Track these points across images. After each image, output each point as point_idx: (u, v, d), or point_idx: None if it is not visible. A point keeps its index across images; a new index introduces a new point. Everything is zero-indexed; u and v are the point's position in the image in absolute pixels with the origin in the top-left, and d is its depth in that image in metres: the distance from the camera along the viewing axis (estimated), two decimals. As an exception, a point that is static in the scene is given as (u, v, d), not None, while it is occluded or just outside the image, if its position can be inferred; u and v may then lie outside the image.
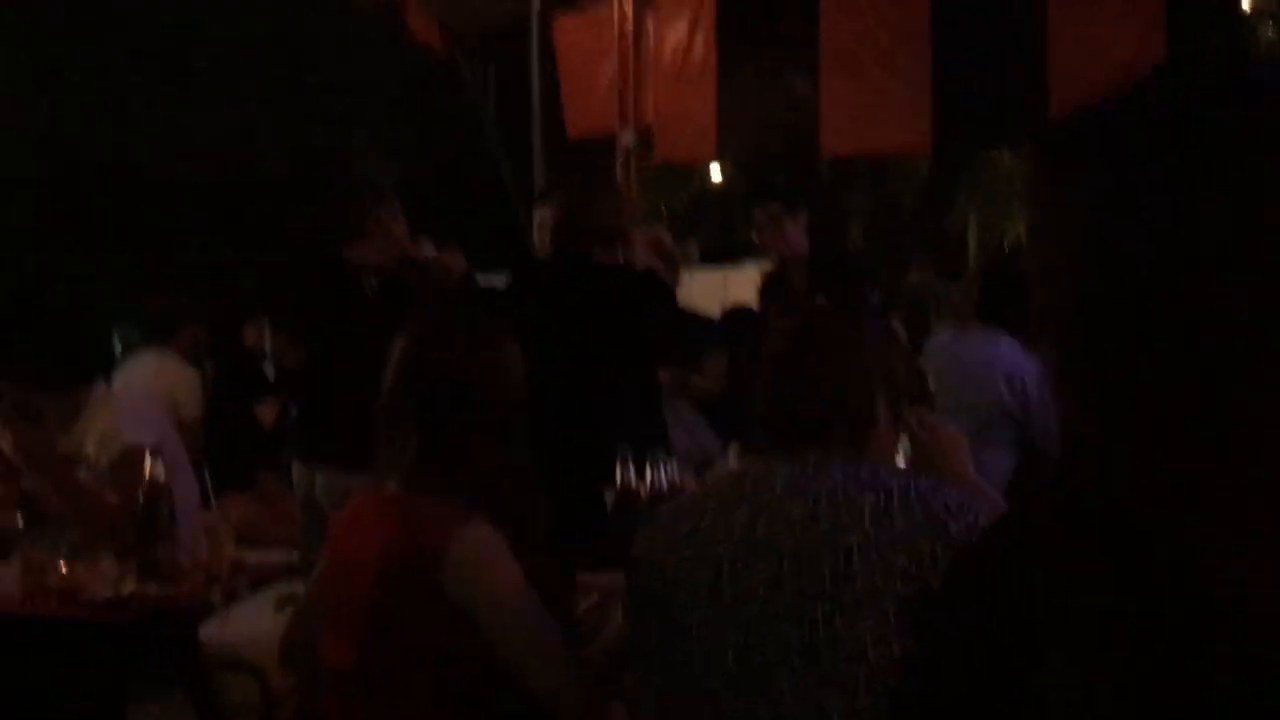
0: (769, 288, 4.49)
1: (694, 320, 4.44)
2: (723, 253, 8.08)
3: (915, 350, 4.64)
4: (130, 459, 3.08)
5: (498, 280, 4.01)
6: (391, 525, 1.95)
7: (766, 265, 4.79)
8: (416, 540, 1.90)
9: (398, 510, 1.98)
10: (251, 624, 2.76)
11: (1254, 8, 6.84)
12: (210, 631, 2.79)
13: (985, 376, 4.07)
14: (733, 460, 3.36)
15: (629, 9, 6.87)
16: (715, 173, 11.02)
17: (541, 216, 4.37)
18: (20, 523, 3.14)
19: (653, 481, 2.67)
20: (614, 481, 2.68)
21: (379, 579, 1.91)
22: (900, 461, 2.06)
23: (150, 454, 3.06)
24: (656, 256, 4.17)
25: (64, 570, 2.92)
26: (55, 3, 12.04)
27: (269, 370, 4.99)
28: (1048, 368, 0.67)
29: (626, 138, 6.93)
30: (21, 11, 11.63)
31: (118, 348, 6.45)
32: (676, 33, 6.82)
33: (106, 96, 12.82)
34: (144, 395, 4.32)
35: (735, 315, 4.84)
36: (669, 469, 2.73)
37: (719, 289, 8.13)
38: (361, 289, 3.65)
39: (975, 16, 6.27)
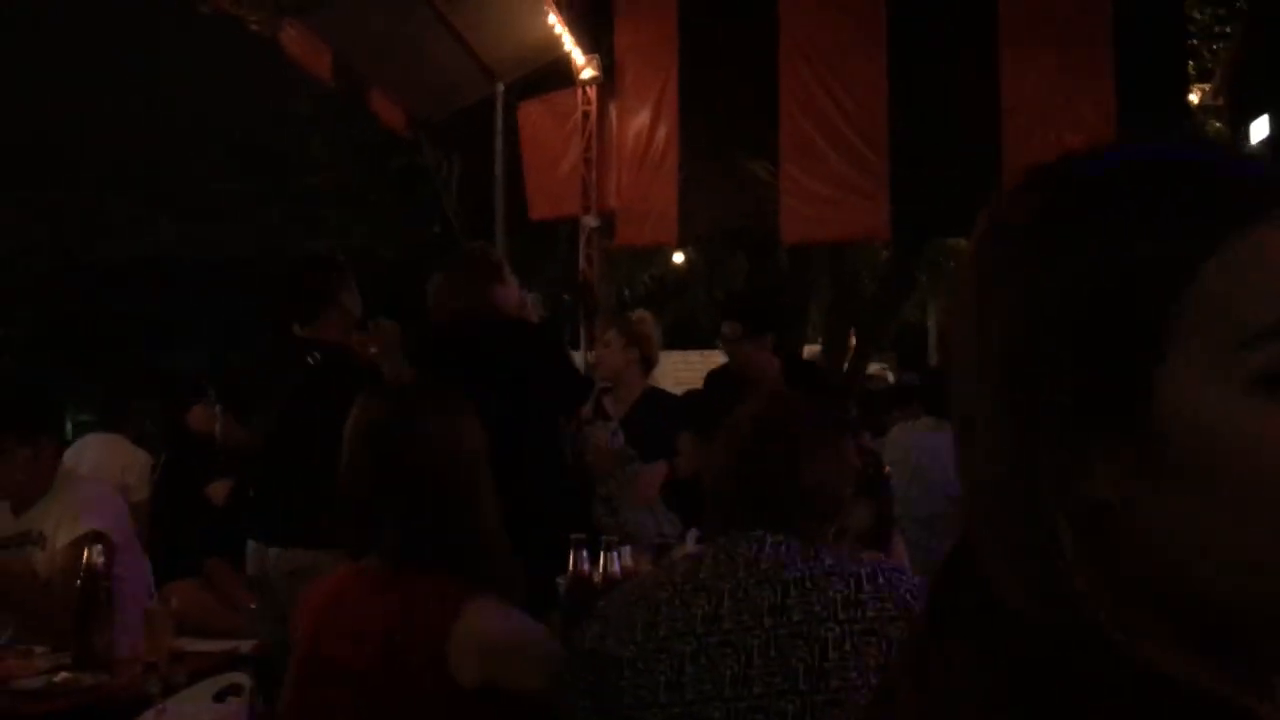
0: (712, 383, 4.46)
1: (665, 400, 4.40)
2: (684, 336, 8.10)
3: (878, 436, 4.65)
4: (84, 544, 3.00)
5: None
6: (392, 603, 1.86)
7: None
8: (420, 619, 1.82)
9: (396, 587, 1.88)
10: (189, 716, 2.64)
11: (1201, 103, 7.03)
12: (146, 724, 2.67)
13: (934, 466, 4.11)
14: (690, 546, 3.30)
15: (593, 95, 6.97)
16: (677, 257, 11.13)
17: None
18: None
19: (605, 567, 2.61)
20: (565, 567, 2.62)
21: (384, 658, 1.83)
22: None
23: (91, 539, 2.97)
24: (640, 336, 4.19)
25: (-5, 659, 2.81)
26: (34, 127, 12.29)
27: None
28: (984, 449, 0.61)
29: (589, 221, 6.98)
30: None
31: (69, 429, 6.33)
32: (639, 120, 6.91)
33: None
34: (96, 479, 4.22)
35: (700, 398, 4.81)
36: (622, 554, 2.67)
37: (681, 372, 8.11)
38: (305, 363, 3.56)
39: (932, 108, 6.41)
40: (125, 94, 13.11)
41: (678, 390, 5.09)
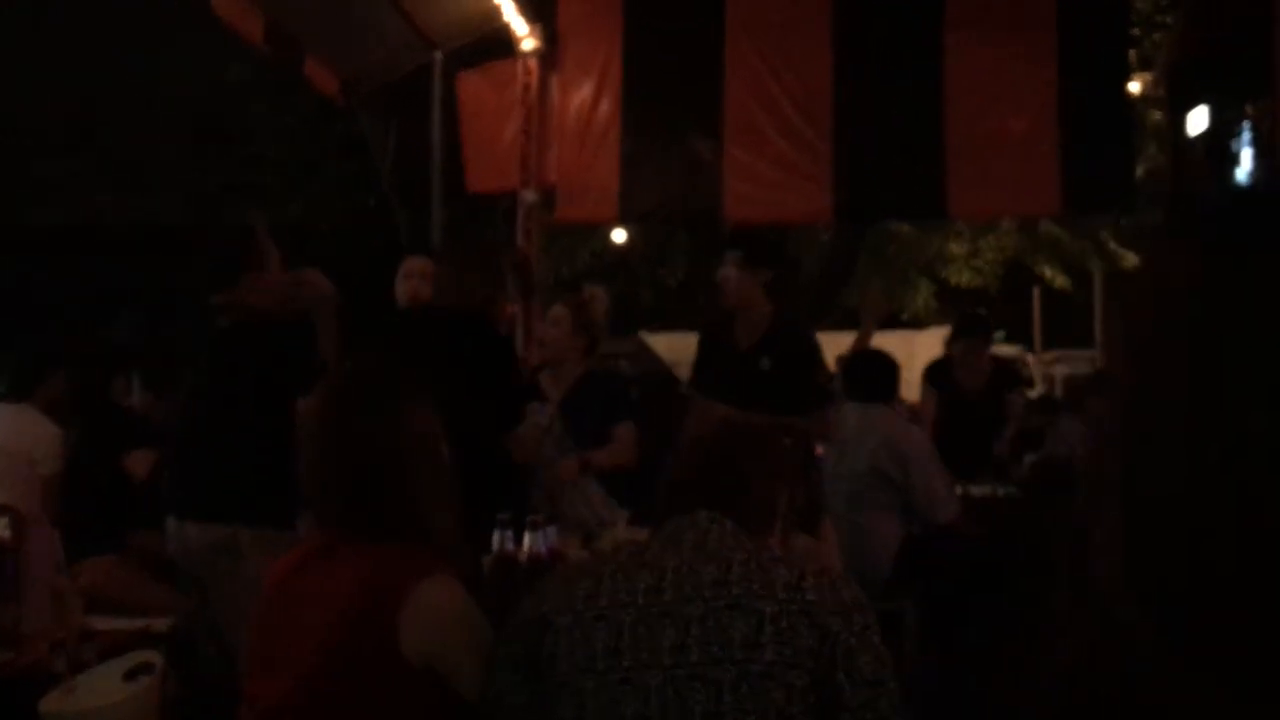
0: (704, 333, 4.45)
1: (606, 384, 4.34)
2: (624, 318, 8.05)
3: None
4: (-8, 518, 2.89)
5: None
6: (356, 569, 1.93)
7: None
8: (380, 586, 1.89)
9: (362, 555, 1.95)
10: (97, 695, 2.56)
11: (1143, 93, 7.09)
12: (53, 702, 2.58)
13: (859, 444, 4.16)
14: (621, 531, 3.28)
15: (533, 67, 6.85)
16: (617, 235, 11.06)
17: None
18: None
19: (531, 547, 2.56)
20: (489, 546, 2.57)
21: (339, 622, 1.88)
22: None
23: (-4, 512, 2.87)
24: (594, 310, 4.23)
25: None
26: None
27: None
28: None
29: (528, 196, 6.88)
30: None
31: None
32: (581, 94, 6.81)
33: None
34: (4, 450, 4.07)
35: (646, 383, 4.78)
36: (548, 535, 2.62)
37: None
38: (215, 329, 3.46)
39: (876, 92, 6.39)
40: (62, 59, 12.74)
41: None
